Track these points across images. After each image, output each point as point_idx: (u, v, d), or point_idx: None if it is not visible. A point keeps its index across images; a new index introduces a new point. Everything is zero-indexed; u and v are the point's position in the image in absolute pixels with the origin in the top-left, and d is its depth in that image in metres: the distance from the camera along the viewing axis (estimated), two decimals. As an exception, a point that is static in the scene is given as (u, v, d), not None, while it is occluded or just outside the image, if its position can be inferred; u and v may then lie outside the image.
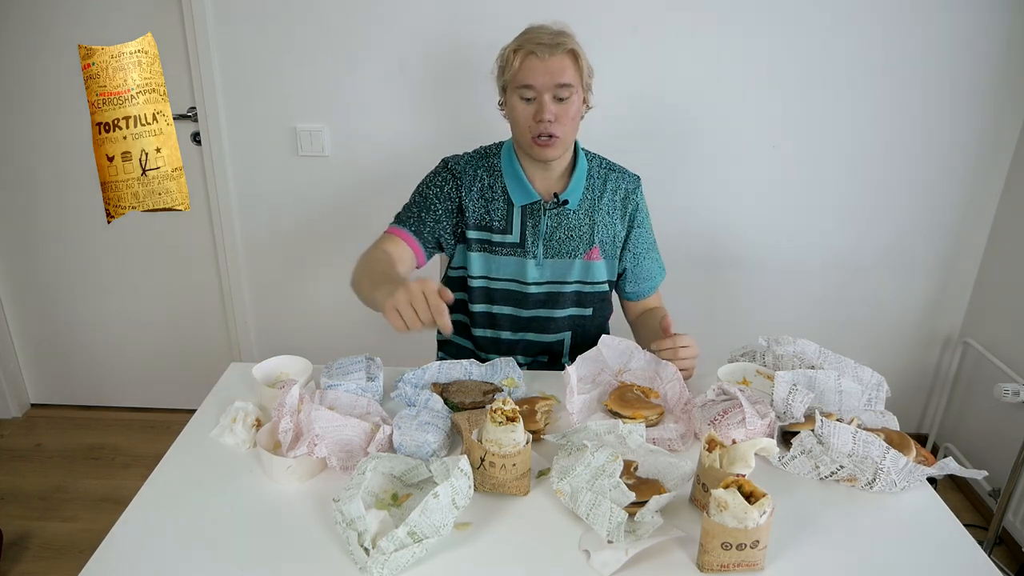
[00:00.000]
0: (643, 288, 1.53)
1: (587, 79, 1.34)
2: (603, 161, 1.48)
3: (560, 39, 1.29)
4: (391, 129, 2.09)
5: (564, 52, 1.29)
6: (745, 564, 0.87)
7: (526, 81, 1.29)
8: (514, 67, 1.30)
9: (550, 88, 1.29)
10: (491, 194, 1.42)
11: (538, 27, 1.33)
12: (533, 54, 1.28)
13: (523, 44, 1.30)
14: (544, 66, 1.28)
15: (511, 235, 1.42)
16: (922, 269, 2.21)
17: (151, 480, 1.04)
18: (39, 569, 1.89)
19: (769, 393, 1.16)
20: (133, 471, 2.27)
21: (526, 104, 1.32)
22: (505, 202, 1.41)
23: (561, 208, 1.41)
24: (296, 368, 1.27)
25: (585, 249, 1.44)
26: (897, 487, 1.02)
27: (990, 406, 2.09)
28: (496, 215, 1.42)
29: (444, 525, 0.88)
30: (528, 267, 1.43)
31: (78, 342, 2.46)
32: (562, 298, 1.47)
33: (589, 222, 1.43)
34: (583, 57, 1.32)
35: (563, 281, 1.45)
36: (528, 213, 1.41)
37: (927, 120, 2.02)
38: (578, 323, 1.51)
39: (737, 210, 2.15)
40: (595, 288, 1.48)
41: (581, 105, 1.35)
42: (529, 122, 1.32)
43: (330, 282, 2.30)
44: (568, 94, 1.30)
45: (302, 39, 1.99)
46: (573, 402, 1.15)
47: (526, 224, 1.41)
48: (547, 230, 1.42)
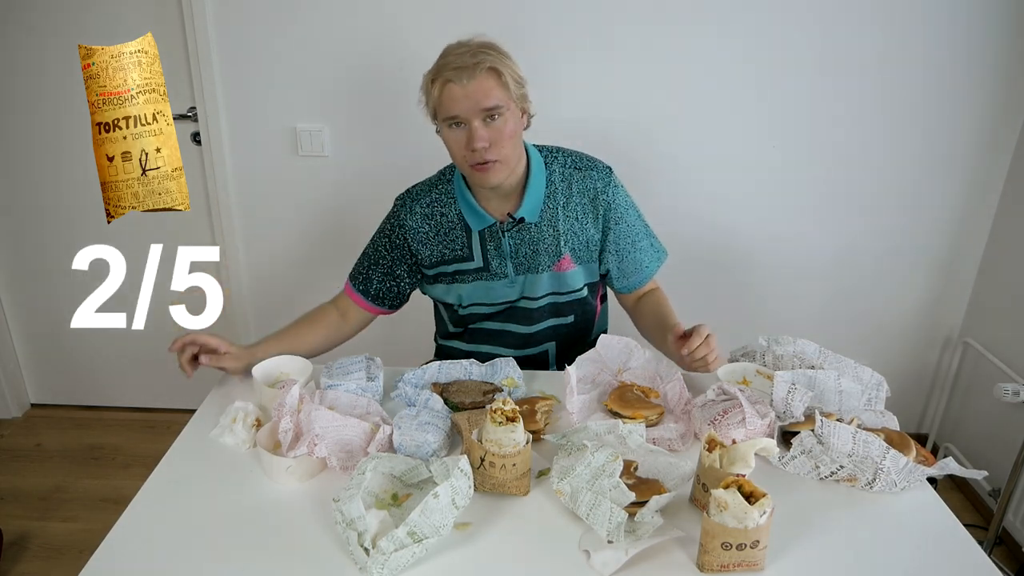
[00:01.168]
0: (633, 281, 1.46)
1: (518, 92, 1.25)
2: (568, 159, 1.38)
3: (478, 58, 1.20)
4: (391, 129, 2.09)
5: (484, 72, 1.20)
6: (745, 564, 0.87)
7: (449, 113, 1.22)
8: (435, 97, 1.23)
9: (476, 114, 1.21)
10: (447, 224, 1.37)
11: (456, 47, 1.24)
12: (451, 82, 1.20)
13: (440, 72, 1.22)
14: (464, 92, 1.20)
15: (473, 261, 1.38)
16: (922, 269, 2.21)
17: (151, 480, 1.04)
18: (39, 569, 1.89)
19: (769, 393, 1.16)
20: (133, 471, 2.27)
21: (456, 131, 1.24)
22: (463, 228, 1.37)
23: (520, 225, 1.35)
24: (296, 368, 1.27)
25: (553, 261, 1.38)
26: (897, 487, 1.02)
27: (990, 406, 2.08)
28: (456, 243, 1.37)
29: (444, 525, 0.88)
30: (496, 289, 1.40)
31: (78, 342, 2.46)
32: (535, 313, 1.43)
33: (553, 232, 1.36)
34: (507, 71, 1.22)
35: (533, 296, 1.41)
36: (487, 237, 1.36)
37: (927, 120, 2.02)
38: (560, 332, 1.47)
39: (737, 210, 2.15)
40: (571, 296, 1.43)
41: (519, 119, 1.27)
42: (463, 150, 1.24)
43: (330, 282, 2.28)
44: (497, 115, 1.22)
45: (302, 39, 1.99)
46: (573, 402, 1.15)
47: (487, 248, 1.37)
48: (511, 248, 1.37)
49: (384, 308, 1.47)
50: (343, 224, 2.20)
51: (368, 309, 1.46)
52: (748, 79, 1.99)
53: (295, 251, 2.27)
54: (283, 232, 2.24)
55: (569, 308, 1.45)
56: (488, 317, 1.45)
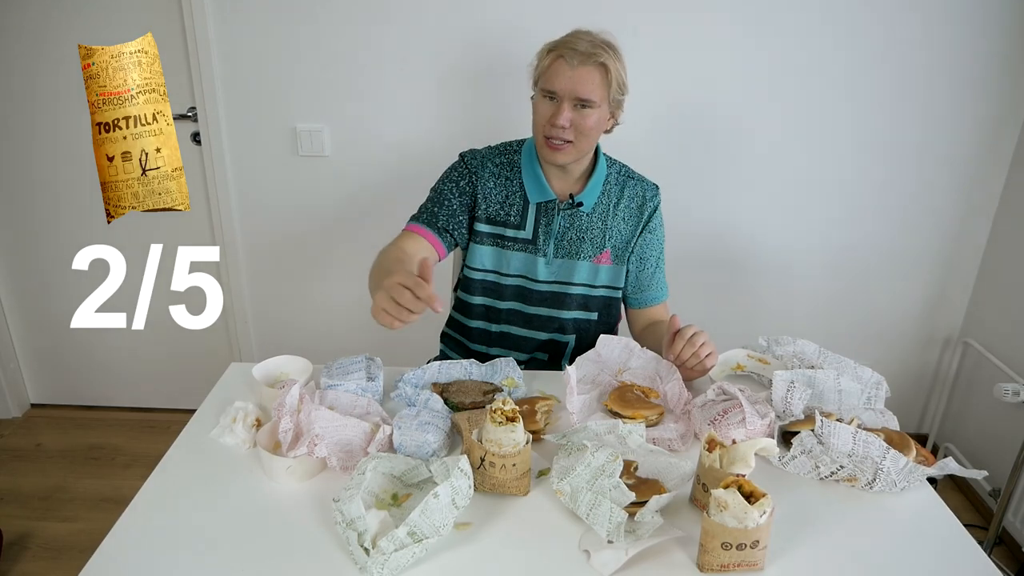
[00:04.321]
0: (645, 297, 1.51)
1: (616, 96, 1.32)
2: (623, 169, 1.48)
3: (595, 50, 1.27)
4: (392, 129, 2.09)
5: (594, 64, 1.27)
6: (745, 564, 0.87)
7: (549, 85, 1.29)
8: (543, 67, 1.30)
9: (571, 97, 1.28)
10: (508, 189, 1.43)
11: (583, 32, 1.31)
12: (563, 58, 1.27)
13: (558, 46, 1.29)
14: (571, 74, 1.27)
15: (524, 231, 1.43)
16: (922, 269, 2.21)
17: (151, 480, 1.04)
18: (39, 569, 1.89)
19: (765, 375, 1.16)
20: (133, 471, 2.27)
21: (547, 103, 1.31)
22: (521, 198, 1.42)
23: (575, 209, 1.42)
24: (296, 368, 1.27)
25: (595, 252, 1.44)
26: (897, 487, 1.02)
27: (990, 406, 2.09)
28: (512, 210, 1.43)
29: (444, 525, 0.88)
30: (539, 264, 1.44)
31: (78, 342, 2.46)
32: (567, 299, 1.47)
33: (602, 226, 1.44)
34: (615, 73, 1.29)
35: (569, 282, 1.46)
36: (542, 211, 1.42)
37: (927, 120, 2.02)
38: (583, 327, 1.51)
39: (736, 211, 2.15)
40: (601, 292, 1.48)
41: (605, 119, 1.34)
42: (545, 121, 1.31)
43: (330, 282, 2.30)
44: (588, 107, 1.29)
45: (302, 39, 1.99)
46: (573, 402, 1.15)
47: (539, 222, 1.42)
48: (559, 230, 1.43)
49: (446, 243, 1.43)
50: (343, 224, 2.21)
51: (432, 241, 1.41)
52: (748, 80, 1.99)
53: (295, 251, 2.27)
54: (283, 232, 2.24)
55: (595, 304, 1.49)
56: (530, 296, 1.47)
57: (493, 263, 1.46)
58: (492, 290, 1.49)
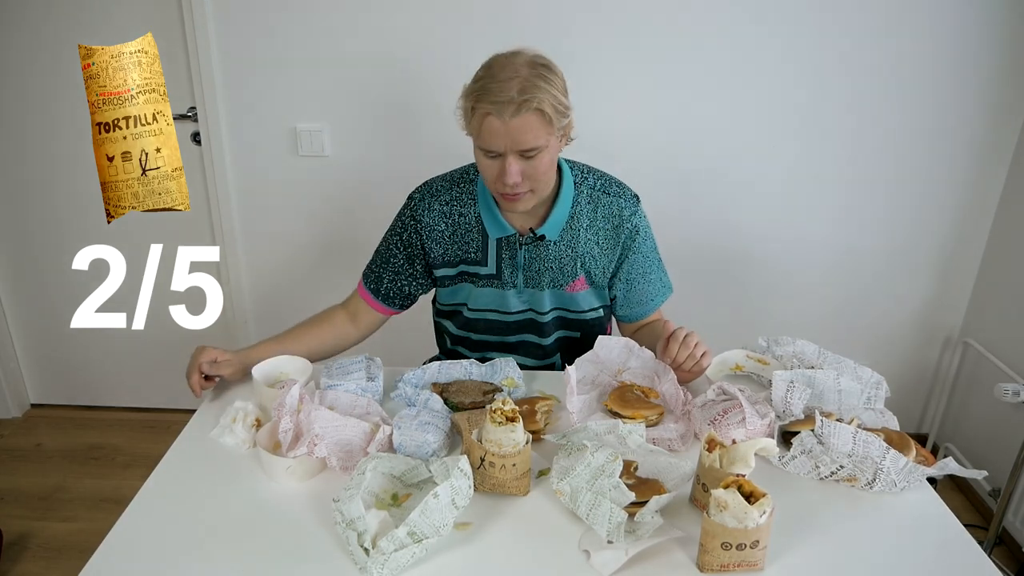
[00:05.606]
0: (636, 312, 1.44)
1: (560, 123, 1.17)
2: (598, 182, 1.34)
3: (525, 96, 1.10)
4: (391, 129, 2.09)
5: (529, 111, 1.11)
6: (745, 564, 0.87)
7: (487, 146, 1.16)
8: (473, 125, 1.17)
9: (513, 151, 1.15)
10: (463, 226, 1.33)
11: (501, 69, 1.14)
12: (491, 115, 1.12)
13: (481, 98, 1.13)
14: (506, 129, 1.12)
15: (486, 267, 1.35)
16: (922, 269, 2.21)
17: (151, 480, 1.04)
18: (39, 569, 1.89)
19: (764, 375, 1.15)
20: (133, 471, 2.27)
21: (491, 161, 1.18)
22: (479, 232, 1.33)
23: (539, 241, 1.32)
24: (296, 368, 1.27)
25: (568, 280, 1.35)
26: (897, 487, 1.02)
27: (990, 406, 2.08)
28: (470, 246, 1.34)
29: (444, 525, 0.88)
30: (508, 297, 1.37)
31: (78, 342, 2.46)
32: (545, 327, 1.41)
33: (572, 253, 1.33)
34: (552, 107, 1.13)
35: (542, 311, 1.39)
36: (504, 245, 1.33)
37: (927, 120, 2.02)
38: (567, 346, 1.46)
39: (736, 211, 2.15)
40: (579, 316, 1.41)
41: (557, 148, 1.22)
42: (494, 179, 1.19)
43: (330, 282, 2.28)
44: (535, 154, 1.16)
45: (302, 39, 1.99)
46: (573, 402, 1.15)
47: (502, 257, 1.34)
48: (525, 261, 1.34)
49: (393, 308, 1.43)
50: (343, 224, 2.20)
51: (377, 309, 1.41)
52: (748, 82, 1.99)
53: (295, 251, 2.27)
54: (283, 232, 2.24)
55: (577, 326, 1.44)
56: (504, 328, 1.43)
57: (462, 297, 1.40)
58: (465, 324, 1.44)
